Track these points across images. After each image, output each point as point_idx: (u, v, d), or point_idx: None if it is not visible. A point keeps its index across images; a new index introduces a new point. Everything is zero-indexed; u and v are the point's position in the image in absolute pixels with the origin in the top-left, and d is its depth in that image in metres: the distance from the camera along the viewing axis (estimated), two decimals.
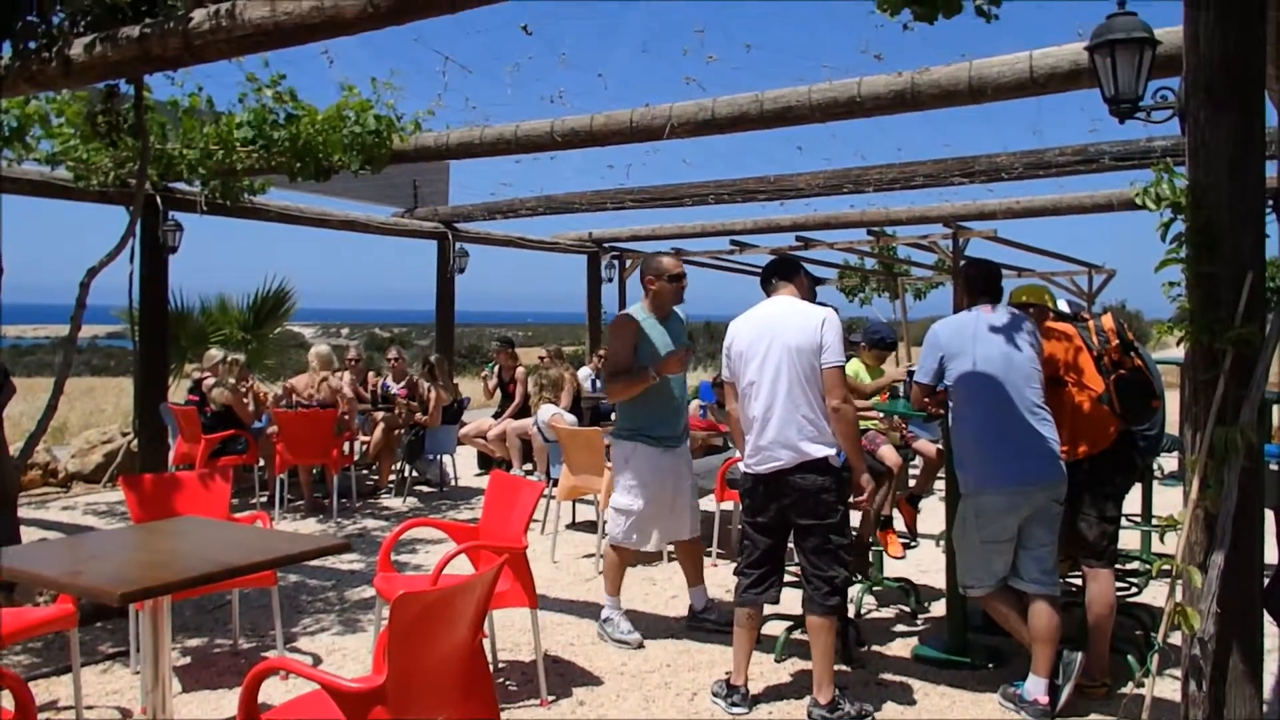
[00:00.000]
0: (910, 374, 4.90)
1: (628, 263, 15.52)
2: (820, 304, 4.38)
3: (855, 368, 6.55)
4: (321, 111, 6.69)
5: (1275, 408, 5.52)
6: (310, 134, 6.62)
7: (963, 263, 4.63)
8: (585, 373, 11.01)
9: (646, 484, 5.19)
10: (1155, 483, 6.38)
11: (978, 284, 4.44)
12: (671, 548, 5.77)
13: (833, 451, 4.07)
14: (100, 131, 5.65)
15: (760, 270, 4.61)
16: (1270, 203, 2.99)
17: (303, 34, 4.29)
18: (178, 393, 10.85)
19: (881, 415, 6.30)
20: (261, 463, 9.19)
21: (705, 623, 5.36)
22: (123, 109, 5.81)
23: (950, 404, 4.36)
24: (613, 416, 11.02)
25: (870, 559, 5.84)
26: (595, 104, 6.70)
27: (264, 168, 7.10)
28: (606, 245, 15.03)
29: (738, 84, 6.16)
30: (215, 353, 9.57)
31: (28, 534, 6.69)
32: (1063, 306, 5.10)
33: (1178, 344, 2.93)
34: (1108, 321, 4.50)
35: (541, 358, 10.21)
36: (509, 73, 6.09)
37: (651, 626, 5.41)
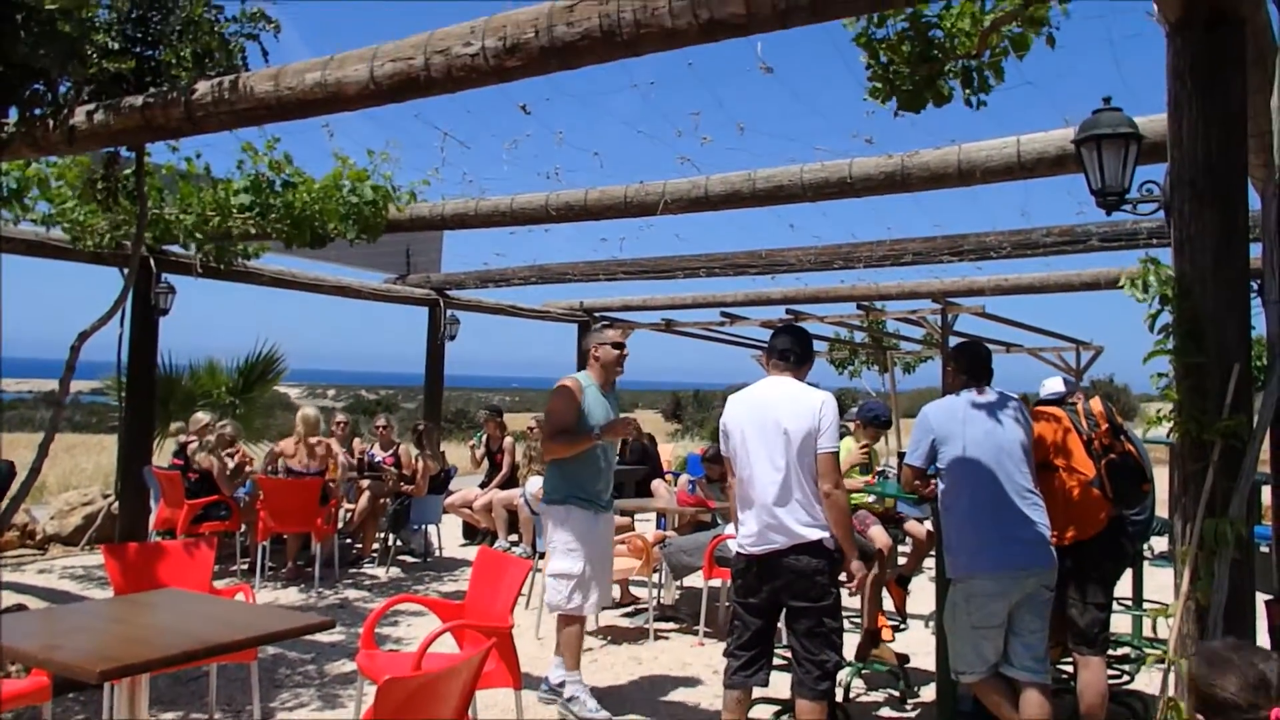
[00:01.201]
0: (901, 456, 4.90)
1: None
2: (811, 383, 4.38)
3: (848, 445, 6.54)
4: (318, 180, 6.75)
5: (1265, 488, 5.53)
6: (307, 202, 6.67)
7: (954, 345, 4.64)
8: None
9: (583, 545, 5.20)
10: (1146, 563, 6.36)
11: (968, 366, 4.47)
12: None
13: (827, 534, 4.04)
14: (100, 198, 5.70)
15: (757, 343, 4.61)
16: (1255, 286, 3.04)
17: (304, 109, 4.36)
18: (162, 456, 10.76)
19: (872, 497, 6.29)
20: (244, 529, 9.08)
21: (555, 698, 5.18)
22: (122, 174, 5.86)
23: (941, 487, 4.36)
24: None
25: (874, 643, 5.79)
26: (590, 180, 6.79)
27: (260, 234, 7.14)
28: (597, 314, 15.09)
29: (731, 164, 6.26)
30: (202, 416, 9.52)
31: (3, 598, 6.57)
32: (1057, 385, 5.13)
33: (1168, 434, 2.95)
34: (1096, 405, 4.53)
35: (530, 427, 10.18)
36: (506, 149, 6.19)
37: (622, 702, 5.32)
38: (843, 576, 4.23)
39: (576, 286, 13.38)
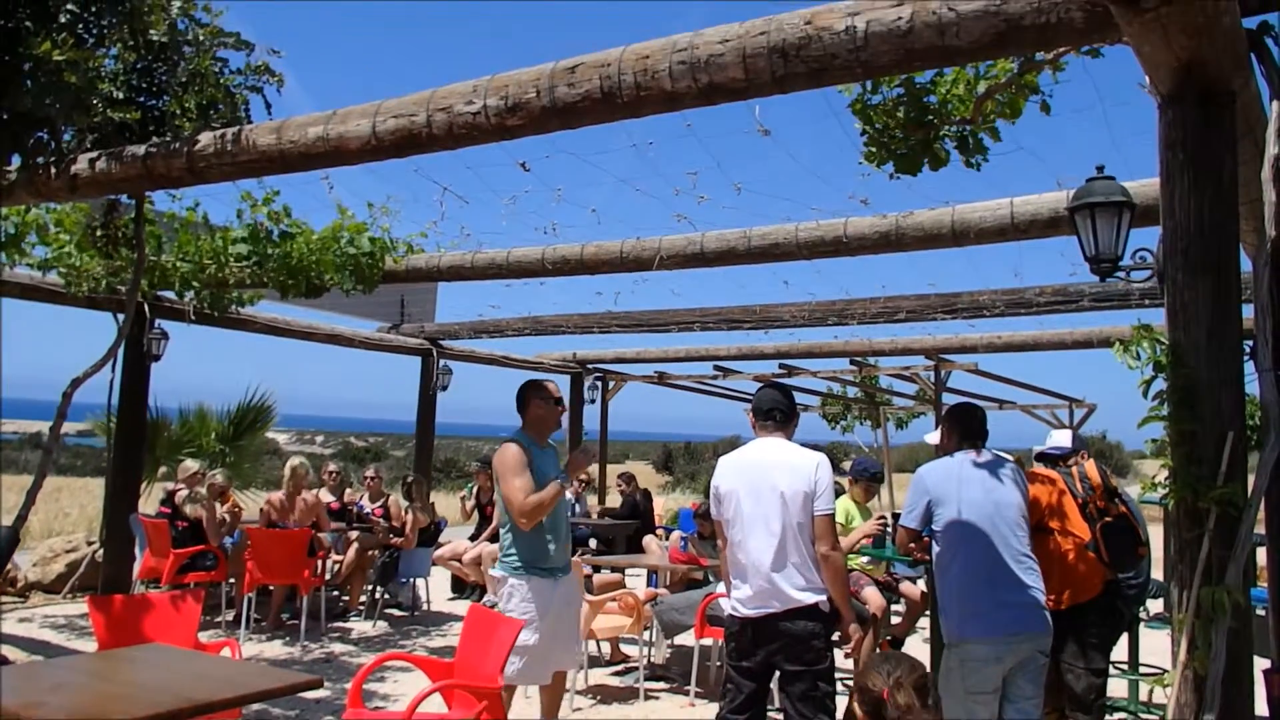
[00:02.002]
0: (895, 516, 4.89)
1: (611, 384, 15.58)
2: (813, 445, 4.36)
3: (846, 505, 6.53)
4: (317, 231, 6.79)
5: (1260, 550, 5.52)
6: (304, 253, 6.70)
7: (948, 407, 4.66)
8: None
9: (541, 617, 4.90)
10: (1142, 625, 6.31)
11: (964, 427, 4.47)
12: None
13: (822, 598, 4.00)
14: (99, 245, 5.72)
15: (749, 397, 4.61)
16: (1248, 348, 3.07)
17: (306, 162, 4.40)
18: (149, 502, 10.68)
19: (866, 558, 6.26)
20: (231, 580, 8.98)
21: None
22: (121, 221, 5.89)
23: (935, 549, 4.34)
24: (591, 543, 11.01)
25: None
26: (587, 235, 6.84)
27: (256, 283, 7.16)
28: (590, 366, 15.12)
29: (727, 221, 6.33)
30: (191, 464, 9.46)
31: None
32: (1064, 439, 5.12)
33: (1162, 499, 2.95)
34: (1091, 468, 4.53)
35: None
36: (505, 204, 6.24)
37: None
38: (838, 636, 4.20)
39: (570, 338, 13.42)
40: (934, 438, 4.90)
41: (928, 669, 2.76)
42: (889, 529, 5.94)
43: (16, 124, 4.19)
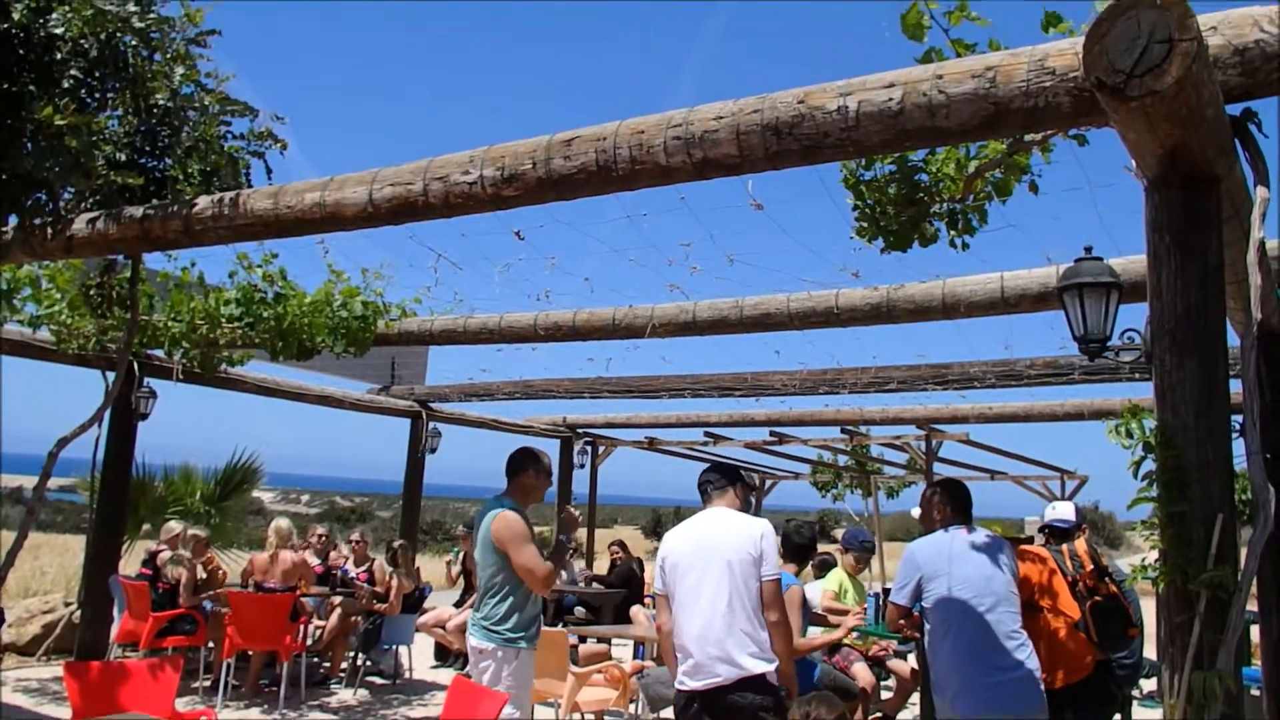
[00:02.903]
0: (886, 591, 4.86)
1: (600, 449, 15.54)
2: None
3: (839, 576, 6.48)
4: (310, 294, 6.81)
5: (1254, 628, 5.49)
6: (296, 315, 6.71)
7: (938, 481, 4.66)
8: None
9: (525, 689, 4.82)
10: (1135, 704, 6.25)
11: (957, 503, 4.46)
12: None
13: (771, 668, 3.93)
14: (93, 305, 5.72)
15: (749, 464, 4.60)
16: (1238, 426, 3.07)
17: (302, 227, 4.43)
18: (130, 562, 10.54)
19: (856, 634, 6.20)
20: (210, 644, 8.83)
21: None
22: (115, 281, 5.90)
23: (926, 626, 4.30)
24: (577, 611, 10.87)
25: None
26: (579, 302, 6.88)
27: (247, 344, 7.16)
28: (580, 431, 15.09)
29: (719, 291, 6.37)
30: (174, 525, 9.35)
31: None
32: (1068, 512, 5.10)
33: (1153, 584, 2.93)
34: (1081, 546, 4.52)
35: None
36: (499, 272, 6.28)
37: None
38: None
39: (560, 402, 13.41)
40: (917, 513, 4.88)
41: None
42: (880, 605, 5.89)
43: (15, 185, 4.22)
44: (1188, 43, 2.34)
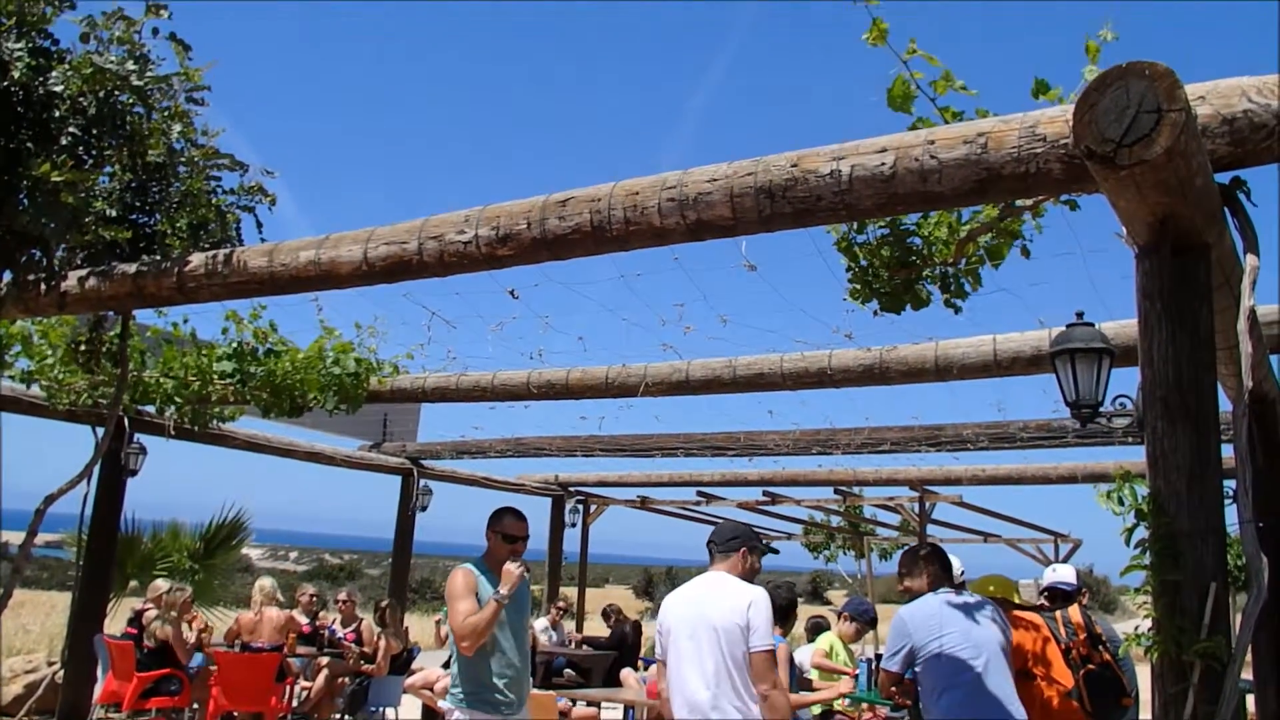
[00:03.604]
0: (878, 658, 4.80)
1: (593, 508, 15.44)
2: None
3: (831, 639, 6.42)
4: (303, 350, 6.79)
5: (1249, 697, 5.42)
6: (288, 371, 6.69)
7: (919, 548, 4.63)
8: (541, 624, 10.70)
9: None
10: None
11: (939, 567, 4.43)
12: None
13: None
14: (81, 361, 5.70)
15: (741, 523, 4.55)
16: (1230, 492, 3.05)
17: (296, 285, 4.43)
18: (115, 622, 10.38)
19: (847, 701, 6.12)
20: (195, 705, 8.67)
21: None
22: (106, 337, 5.88)
23: (920, 692, 4.24)
24: (566, 673, 10.72)
25: None
26: (573, 360, 6.88)
27: (239, 400, 7.13)
28: (572, 489, 15.00)
29: (713, 351, 6.38)
30: (161, 584, 9.24)
31: None
32: (1069, 576, 5.06)
33: (1145, 653, 2.90)
34: (1075, 614, 4.48)
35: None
36: (492, 330, 6.28)
37: None
38: None
39: (552, 460, 13.35)
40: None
41: None
42: (872, 671, 5.81)
43: (10, 241, 4.23)
44: (1176, 113, 2.37)
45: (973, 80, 3.59)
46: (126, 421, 9.00)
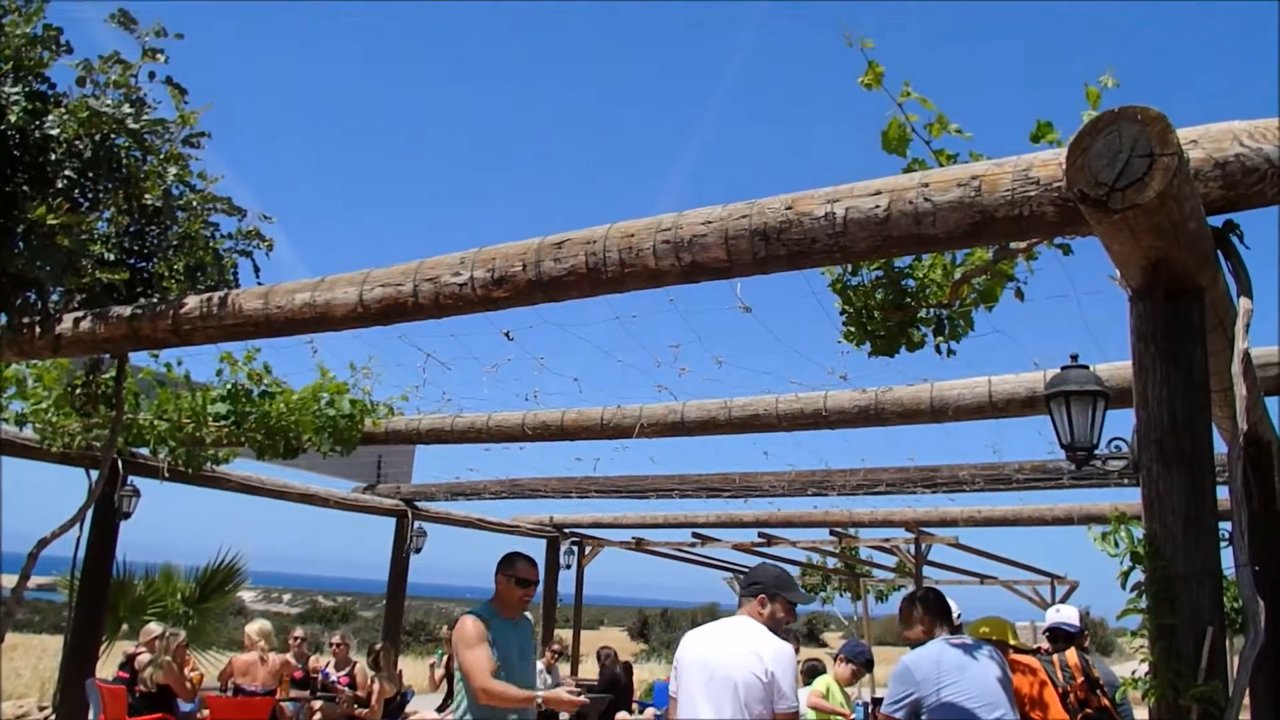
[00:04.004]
0: (877, 701, 4.75)
1: (587, 549, 15.36)
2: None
3: (828, 680, 6.37)
4: (297, 392, 6.78)
5: None
6: (283, 413, 6.67)
7: (915, 593, 4.60)
8: (538, 667, 10.58)
9: None
10: None
11: (938, 611, 4.39)
12: None
13: None
14: (76, 405, 5.68)
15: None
16: (1226, 535, 3.04)
17: (291, 327, 4.42)
18: (107, 666, 10.26)
19: None
20: None
21: None
22: (101, 380, 5.87)
23: None
24: (561, 718, 10.58)
25: None
26: (568, 402, 6.87)
27: (233, 442, 7.10)
28: (567, 530, 14.93)
29: (708, 393, 6.37)
30: (155, 627, 9.13)
31: None
32: (1071, 617, 5.02)
33: (1143, 697, 2.87)
34: (1072, 657, 4.45)
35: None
36: (488, 372, 6.27)
37: None
38: None
39: (547, 502, 13.30)
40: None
41: None
42: (869, 715, 5.77)
43: (6, 284, 4.23)
44: (1168, 157, 2.39)
45: (966, 122, 3.62)
46: (120, 464, 8.95)
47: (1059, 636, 4.91)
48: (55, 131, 4.08)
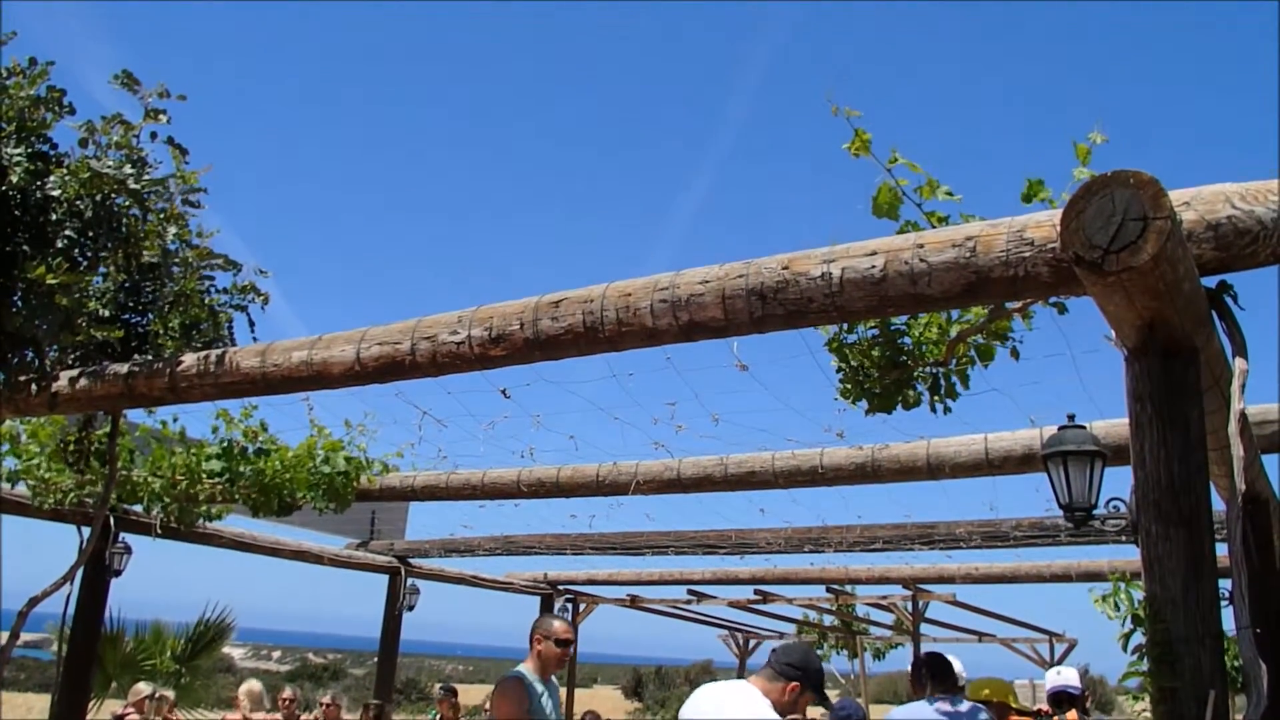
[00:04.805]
0: None
1: (582, 607, 15.21)
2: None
3: None
4: (292, 449, 6.76)
5: None
6: (277, 470, 6.64)
7: (923, 655, 4.56)
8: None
9: None
10: None
11: (937, 673, 4.35)
12: None
13: None
14: (70, 461, 5.65)
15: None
16: (1226, 594, 3.02)
17: (288, 385, 4.42)
18: None
19: None
20: None
21: None
22: (95, 436, 5.84)
23: None
24: None
25: None
26: (563, 459, 6.85)
27: (227, 499, 7.06)
28: (561, 587, 14.80)
29: (704, 449, 6.37)
30: (143, 687, 9.01)
31: None
32: (1072, 678, 4.97)
33: None
34: (1072, 718, 4.40)
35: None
36: (483, 429, 6.27)
37: None
38: None
39: (542, 559, 13.20)
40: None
41: None
42: None
43: (3, 342, 4.23)
44: (1161, 221, 2.42)
45: (956, 183, 3.66)
46: (112, 520, 8.88)
47: (1062, 700, 4.86)
48: (57, 192, 4.11)
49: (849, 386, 4.24)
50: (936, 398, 4.09)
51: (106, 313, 4.90)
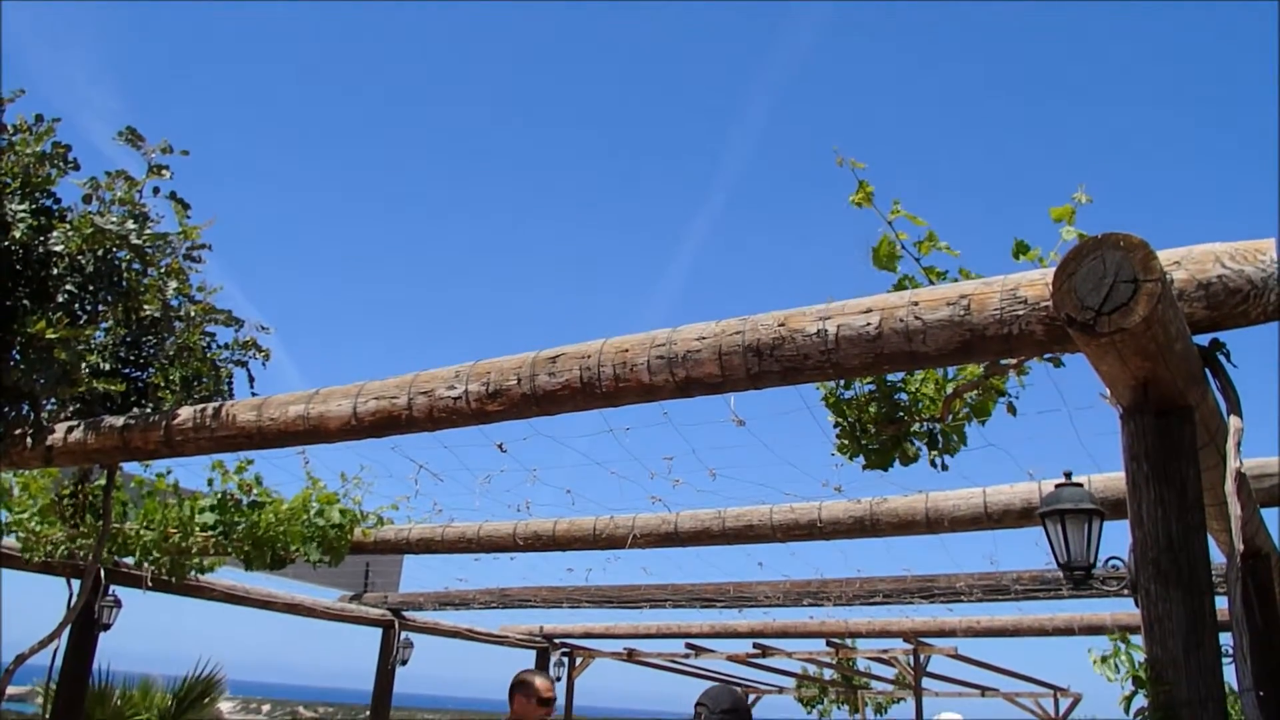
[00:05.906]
0: None
1: (578, 660, 15.05)
2: None
3: None
4: (287, 501, 6.72)
5: None
6: (271, 523, 6.60)
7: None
8: None
9: None
10: None
11: None
12: None
13: None
14: (64, 514, 5.63)
15: (722, 678, 4.37)
16: (1228, 650, 3.00)
17: (284, 439, 4.41)
18: None
19: None
20: None
21: None
22: (89, 489, 5.81)
23: None
24: None
25: None
26: (560, 512, 6.84)
27: (220, 552, 7.01)
28: (557, 641, 14.64)
29: (701, 503, 6.35)
30: None
31: None
32: None
33: None
34: None
35: None
36: (480, 483, 6.25)
37: None
38: None
39: (538, 612, 13.09)
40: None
41: None
42: None
43: (0, 397, 4.23)
44: (1152, 283, 2.44)
45: (954, 236, 3.69)
46: (102, 573, 8.80)
47: None
48: (59, 247, 4.13)
49: (846, 442, 4.24)
50: (934, 453, 4.09)
51: (106, 366, 4.90)
